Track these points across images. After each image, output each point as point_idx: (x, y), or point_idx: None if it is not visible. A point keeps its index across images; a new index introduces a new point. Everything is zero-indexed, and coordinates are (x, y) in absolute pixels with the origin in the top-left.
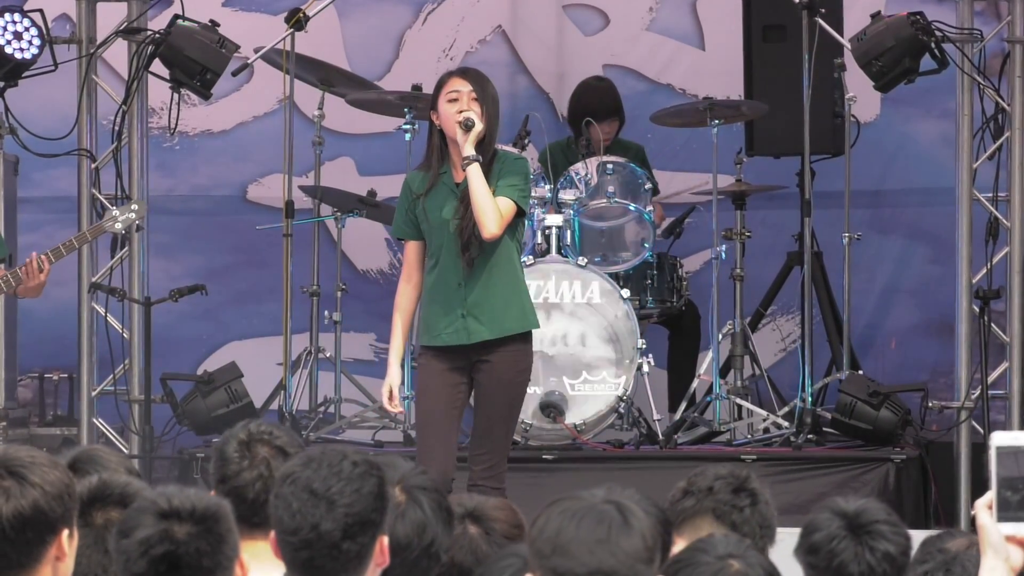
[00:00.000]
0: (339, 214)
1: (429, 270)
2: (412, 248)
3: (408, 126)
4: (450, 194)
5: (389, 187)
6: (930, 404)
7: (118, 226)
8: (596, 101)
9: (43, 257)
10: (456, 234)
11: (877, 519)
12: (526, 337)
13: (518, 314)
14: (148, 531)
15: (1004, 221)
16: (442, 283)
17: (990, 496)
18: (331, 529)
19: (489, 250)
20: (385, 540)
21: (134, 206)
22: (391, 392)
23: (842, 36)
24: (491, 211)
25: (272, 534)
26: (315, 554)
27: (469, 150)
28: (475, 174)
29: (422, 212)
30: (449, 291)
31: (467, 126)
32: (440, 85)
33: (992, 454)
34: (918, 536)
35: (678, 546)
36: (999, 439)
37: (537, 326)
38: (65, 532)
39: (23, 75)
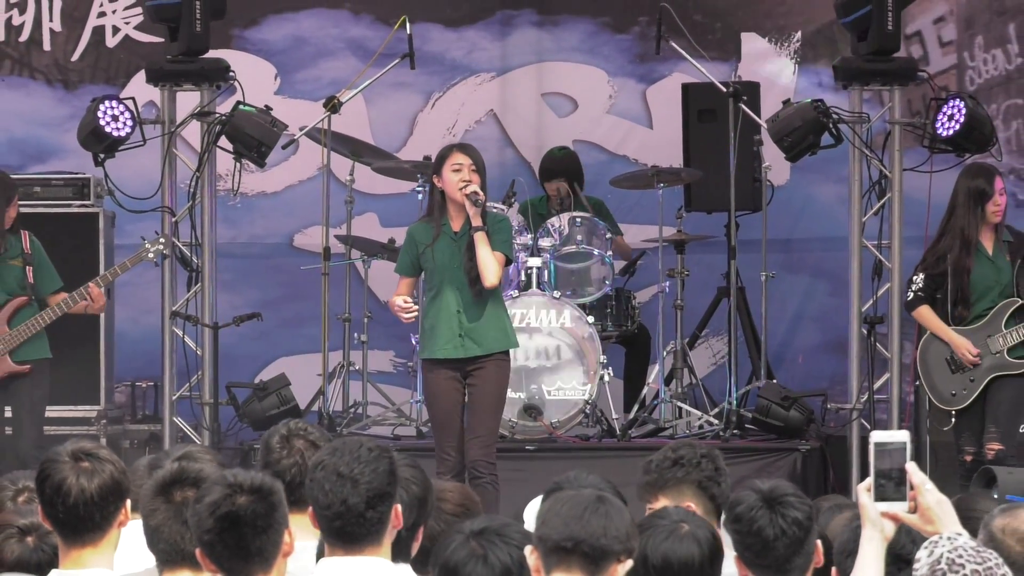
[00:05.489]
0: (366, 257)
1: (430, 300)
2: (407, 284)
3: (420, 188)
4: (451, 242)
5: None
6: (829, 406)
7: (151, 256)
8: (550, 164)
9: (92, 285)
10: (464, 274)
11: (786, 493)
12: (507, 352)
13: (502, 335)
14: (215, 496)
15: (886, 263)
16: (444, 310)
17: (869, 481)
18: (357, 502)
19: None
20: (399, 507)
21: (161, 239)
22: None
23: (760, 118)
24: (492, 267)
25: (310, 510)
26: (345, 523)
27: (478, 221)
28: (482, 240)
29: (427, 258)
30: (450, 316)
31: (477, 202)
32: (444, 156)
33: (871, 449)
34: None
35: (659, 503)
36: (877, 437)
37: (516, 345)
38: (128, 501)
39: (119, 149)
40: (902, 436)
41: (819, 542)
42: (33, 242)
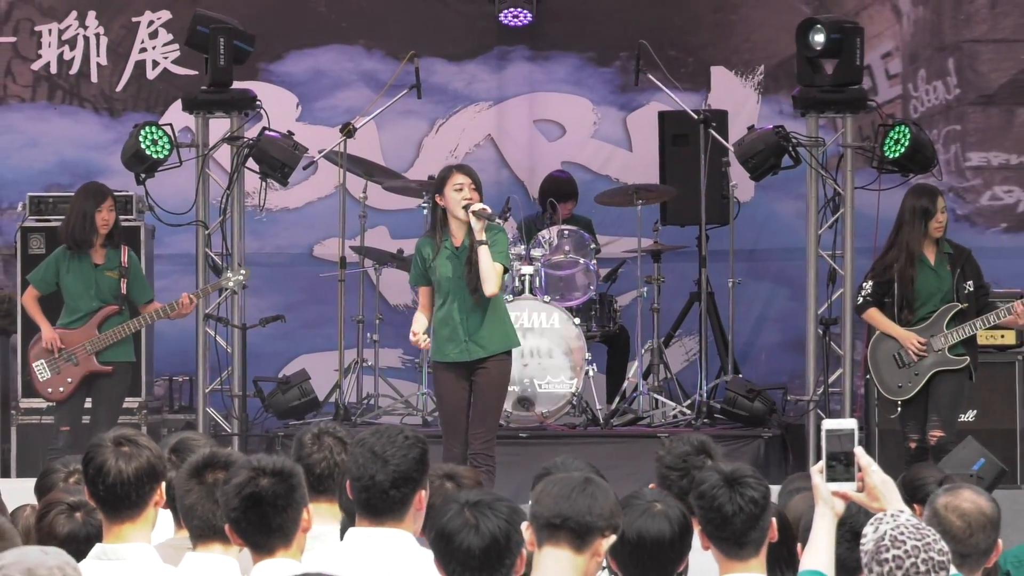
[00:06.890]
0: (377, 266)
1: (438, 308)
2: (426, 292)
3: (425, 205)
4: (453, 256)
5: (413, 247)
6: (789, 398)
7: (231, 285)
8: (561, 188)
9: (192, 296)
10: (466, 284)
11: (746, 475)
12: (509, 352)
13: (503, 338)
14: (241, 478)
15: (839, 271)
16: (450, 318)
17: (822, 464)
18: (383, 480)
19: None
20: (424, 493)
21: (243, 271)
22: (416, 335)
23: (727, 142)
24: (493, 278)
25: (348, 480)
26: (371, 496)
27: (482, 236)
28: (485, 253)
29: (432, 271)
30: (456, 324)
31: (487, 216)
32: (445, 177)
33: (823, 435)
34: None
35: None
36: (828, 424)
37: (518, 345)
38: (164, 483)
39: (158, 169)
40: (850, 423)
41: (774, 520)
42: (131, 257)
